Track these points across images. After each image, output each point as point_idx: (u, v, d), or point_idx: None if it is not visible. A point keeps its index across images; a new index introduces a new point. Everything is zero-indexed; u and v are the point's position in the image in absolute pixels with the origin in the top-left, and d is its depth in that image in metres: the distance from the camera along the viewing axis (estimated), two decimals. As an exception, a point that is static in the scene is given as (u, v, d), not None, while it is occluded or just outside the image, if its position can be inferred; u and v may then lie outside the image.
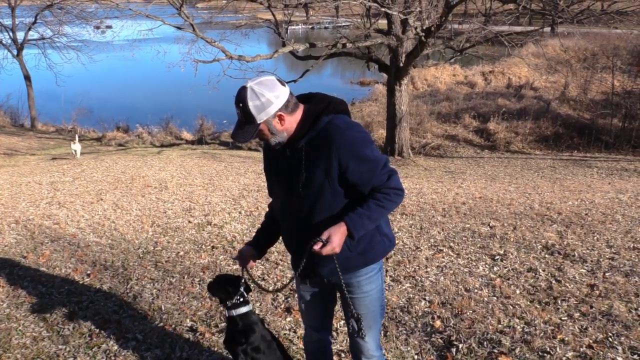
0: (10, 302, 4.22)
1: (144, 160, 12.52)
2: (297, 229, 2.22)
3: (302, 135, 2.08)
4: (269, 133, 2.07)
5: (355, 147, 2.05)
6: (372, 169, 2.09)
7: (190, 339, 3.58)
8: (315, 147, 2.07)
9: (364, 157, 2.06)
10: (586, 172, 12.04)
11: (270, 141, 2.10)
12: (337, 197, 2.13)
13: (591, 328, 3.49)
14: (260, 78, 2.04)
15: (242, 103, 2.01)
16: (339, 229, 2.06)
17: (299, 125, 2.09)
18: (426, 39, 11.45)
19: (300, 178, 2.10)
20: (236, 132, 2.08)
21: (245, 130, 2.05)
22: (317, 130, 2.07)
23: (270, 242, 2.48)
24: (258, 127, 2.03)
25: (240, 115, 2.04)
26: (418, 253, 5.06)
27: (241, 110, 2.02)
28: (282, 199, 2.26)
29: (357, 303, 2.29)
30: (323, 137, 2.06)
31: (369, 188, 2.11)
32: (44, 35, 21.06)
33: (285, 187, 2.18)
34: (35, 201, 7.91)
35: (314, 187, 2.09)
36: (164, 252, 5.40)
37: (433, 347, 3.35)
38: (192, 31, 11.29)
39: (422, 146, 15.65)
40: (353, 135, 2.06)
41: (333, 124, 2.07)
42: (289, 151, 2.12)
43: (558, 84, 21.82)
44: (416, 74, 24.43)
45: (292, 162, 2.12)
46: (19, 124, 21.11)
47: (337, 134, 2.04)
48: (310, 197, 2.12)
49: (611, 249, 5.01)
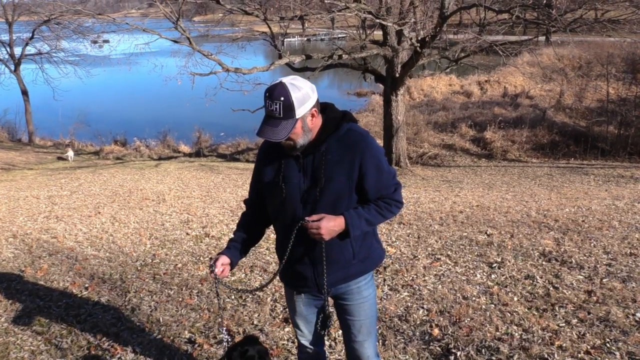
0: (8, 316, 4.21)
1: (142, 173, 12.54)
2: (307, 237, 2.13)
3: (323, 140, 2.12)
4: (301, 130, 2.06)
5: (377, 156, 2.15)
6: (385, 179, 2.18)
7: (188, 351, 3.58)
8: (337, 152, 2.11)
9: (381, 167, 2.16)
10: (583, 180, 12.08)
11: (297, 142, 2.08)
12: (352, 203, 2.17)
13: (589, 334, 3.50)
14: (290, 76, 2.07)
15: (283, 96, 1.98)
16: (335, 219, 2.08)
17: (320, 129, 2.13)
18: (421, 50, 11.55)
19: (319, 183, 2.11)
20: (269, 129, 2.02)
21: (281, 127, 2.01)
22: (339, 135, 2.13)
23: (246, 250, 2.40)
24: (296, 122, 2.02)
25: (278, 111, 1.99)
26: (416, 262, 5.07)
27: (281, 103, 1.98)
28: (288, 210, 2.19)
29: (356, 310, 2.31)
30: (346, 143, 2.12)
31: (376, 196, 2.18)
32: (41, 50, 21.16)
33: (296, 195, 2.15)
34: (33, 215, 7.91)
35: (333, 192, 2.12)
36: (162, 265, 5.40)
37: (431, 356, 3.35)
38: (188, 44, 11.38)
39: (419, 156, 15.72)
40: (375, 145, 2.16)
41: (355, 131, 2.16)
42: (304, 157, 2.13)
43: (554, 92, 21.98)
44: (412, 84, 24.60)
45: (307, 168, 2.13)
46: (17, 138, 21.14)
47: (361, 141, 2.13)
48: (327, 202, 2.12)
49: (608, 255, 5.02)
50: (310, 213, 2.12)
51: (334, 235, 2.10)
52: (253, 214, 2.40)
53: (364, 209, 2.15)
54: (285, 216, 2.20)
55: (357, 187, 2.15)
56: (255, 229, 2.41)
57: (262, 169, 2.26)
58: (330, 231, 2.07)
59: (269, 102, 2.01)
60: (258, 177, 2.29)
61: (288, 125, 2.02)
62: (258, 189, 2.32)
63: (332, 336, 3.59)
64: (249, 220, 2.41)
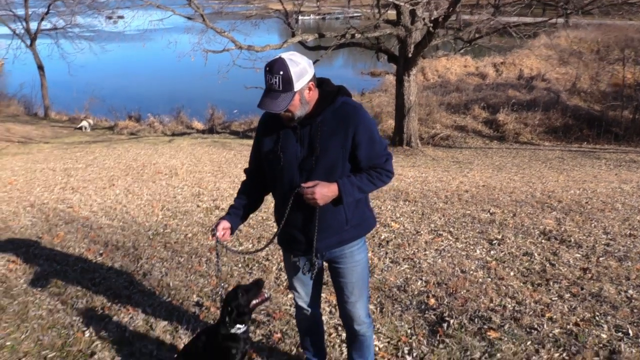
0: (27, 278, 4.44)
1: (155, 148, 12.75)
2: (303, 203, 2.28)
3: (319, 113, 2.26)
4: (299, 103, 2.19)
5: (370, 128, 2.30)
6: (377, 149, 2.33)
7: (196, 313, 3.77)
8: (332, 124, 2.26)
9: (374, 138, 2.32)
10: (594, 164, 12.05)
11: (295, 114, 2.21)
12: (345, 171, 2.31)
13: (580, 308, 3.63)
14: (289, 52, 2.20)
15: (282, 70, 2.11)
16: (329, 186, 2.24)
17: (317, 102, 2.28)
18: (434, 30, 11.49)
19: (314, 152, 2.26)
20: (269, 101, 2.15)
21: (280, 99, 2.13)
22: (334, 108, 2.27)
23: (246, 216, 2.57)
24: (294, 95, 2.15)
25: (277, 84, 2.12)
26: (418, 237, 5.21)
27: (281, 77, 2.11)
28: (286, 177, 2.33)
29: (349, 272, 2.46)
30: (341, 115, 2.27)
31: (368, 165, 2.33)
32: (56, 26, 21.32)
33: (293, 163, 2.29)
34: (49, 186, 8.16)
35: (328, 160, 2.26)
36: (173, 234, 5.60)
37: (426, 323, 3.51)
38: (202, 21, 11.43)
39: (431, 136, 15.71)
40: (367, 117, 2.31)
41: (349, 104, 2.31)
42: (301, 128, 2.28)
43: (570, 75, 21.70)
44: (427, 65, 24.42)
45: (304, 138, 2.28)
46: (33, 113, 21.45)
47: (355, 114, 2.28)
48: (322, 170, 2.27)
49: (607, 235, 5.12)
50: (306, 180, 2.27)
51: (328, 200, 2.25)
52: (252, 182, 2.56)
53: (357, 178, 2.30)
54: (282, 183, 2.35)
55: (350, 156, 2.29)
56: (254, 196, 2.57)
57: (262, 139, 2.40)
58: (324, 197, 2.23)
59: (269, 76, 2.15)
60: (258, 147, 2.44)
61: (287, 97, 2.15)
62: (257, 158, 2.47)
63: (333, 303, 3.76)
64: (248, 188, 2.58)
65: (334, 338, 3.37)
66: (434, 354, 3.14)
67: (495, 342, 3.22)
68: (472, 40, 13.35)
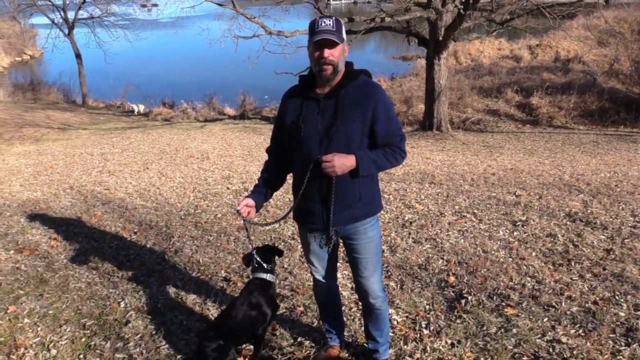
0: (67, 254, 4.72)
1: (188, 133, 13.06)
2: (321, 174, 2.38)
3: (343, 86, 2.41)
4: (341, 54, 2.36)
5: (387, 106, 2.45)
6: (393, 127, 2.46)
7: (223, 287, 3.96)
8: (354, 97, 2.40)
9: (391, 116, 2.46)
10: (630, 148, 11.73)
11: (337, 64, 2.35)
12: (362, 146, 2.43)
13: (600, 287, 3.66)
14: None
15: (333, 18, 2.36)
16: (346, 157, 2.36)
17: (342, 77, 2.43)
18: (465, 12, 11.35)
19: (335, 124, 2.38)
20: (328, 33, 2.29)
21: (336, 36, 2.30)
22: (357, 84, 2.43)
23: (269, 194, 2.75)
24: (343, 42, 2.35)
25: (332, 25, 2.32)
26: (441, 218, 5.27)
27: (334, 21, 2.33)
28: (305, 147, 2.42)
29: (363, 248, 2.57)
30: (363, 90, 2.42)
31: (384, 142, 2.44)
32: (93, 15, 21.91)
33: (313, 134, 2.41)
34: (87, 170, 8.51)
35: (347, 133, 2.39)
36: (204, 214, 5.82)
37: (444, 299, 3.60)
38: (232, 8, 11.59)
39: (462, 121, 15.56)
40: (386, 96, 2.47)
41: (370, 83, 2.48)
42: (325, 100, 2.41)
43: (608, 57, 21.04)
44: (460, 49, 24.04)
45: (326, 109, 2.41)
46: (71, 100, 22.16)
47: (376, 91, 2.44)
48: (341, 142, 2.39)
49: (635, 217, 5.07)
50: (325, 151, 2.38)
51: (346, 170, 2.36)
52: (275, 161, 2.71)
53: (373, 153, 2.42)
54: (302, 154, 2.46)
55: (369, 131, 2.42)
56: (276, 175, 2.73)
57: (285, 112, 2.54)
58: (342, 166, 2.33)
59: (320, 21, 2.33)
60: (281, 121, 2.58)
61: (340, 37, 2.33)
62: (279, 135, 2.61)
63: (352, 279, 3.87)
64: (271, 167, 2.74)
65: (355, 312, 3.49)
66: (451, 328, 3.23)
67: (512, 318, 3.28)
68: (505, 22, 13.10)
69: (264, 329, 2.85)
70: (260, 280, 2.83)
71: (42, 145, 11.74)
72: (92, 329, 3.40)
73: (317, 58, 2.34)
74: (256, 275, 2.84)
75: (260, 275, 2.83)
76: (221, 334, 2.80)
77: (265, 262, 2.85)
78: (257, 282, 2.83)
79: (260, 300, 2.79)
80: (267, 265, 2.85)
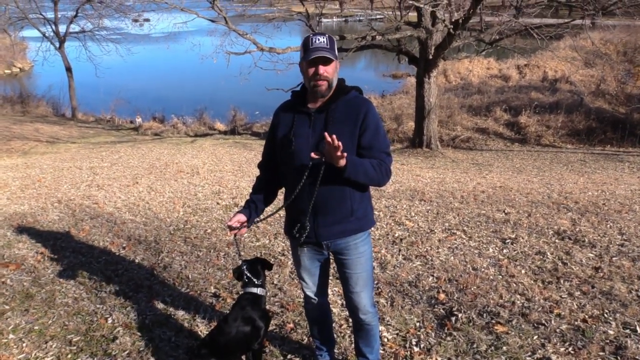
0: (54, 268, 4.66)
1: (178, 148, 13.03)
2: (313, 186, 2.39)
3: (334, 101, 2.46)
4: (334, 71, 2.42)
5: (377, 119, 2.49)
6: (381, 141, 2.48)
7: (213, 303, 3.93)
8: (344, 112, 2.45)
9: (379, 129, 2.49)
10: (617, 167, 11.90)
11: (331, 81, 2.40)
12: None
13: (589, 305, 3.67)
14: None
15: (326, 35, 2.41)
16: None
17: (334, 92, 2.47)
18: (454, 32, 11.52)
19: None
20: (322, 51, 2.34)
21: (329, 53, 2.35)
22: (347, 99, 2.49)
23: (261, 209, 2.76)
24: (336, 59, 2.41)
25: (326, 43, 2.37)
26: (432, 235, 5.28)
27: (327, 38, 2.39)
28: (297, 161, 2.44)
29: (354, 264, 2.57)
30: (353, 104, 2.47)
31: (369, 155, 2.45)
32: (84, 28, 21.89)
33: (304, 147, 2.42)
34: (76, 184, 8.44)
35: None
36: (193, 230, 5.78)
37: (435, 316, 3.60)
38: (224, 24, 11.67)
39: (451, 138, 15.69)
40: (375, 111, 2.52)
41: (360, 97, 2.54)
42: (316, 114, 2.44)
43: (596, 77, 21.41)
44: (449, 67, 24.33)
45: (317, 123, 2.44)
46: (61, 113, 22.04)
47: (366, 105, 2.48)
48: None
49: (622, 236, 5.12)
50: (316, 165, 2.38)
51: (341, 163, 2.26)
52: (266, 176, 2.73)
53: (362, 159, 2.41)
54: (293, 167, 2.47)
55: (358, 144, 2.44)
56: (268, 190, 2.75)
57: (277, 125, 2.56)
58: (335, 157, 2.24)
59: (314, 38, 2.37)
60: (273, 134, 2.59)
61: (334, 54, 2.38)
62: (271, 150, 2.63)
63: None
64: (262, 182, 2.75)
65: (345, 329, 3.48)
66: (441, 346, 3.22)
67: (502, 336, 3.28)
68: (494, 42, 13.31)
69: (260, 343, 2.82)
70: (251, 295, 2.81)
71: (30, 158, 11.65)
72: (79, 345, 3.35)
73: (312, 75, 2.37)
74: (247, 290, 2.82)
75: (251, 290, 2.82)
76: (214, 351, 2.76)
77: (254, 276, 2.83)
78: (249, 297, 2.81)
79: (253, 314, 2.77)
80: (257, 280, 2.83)
